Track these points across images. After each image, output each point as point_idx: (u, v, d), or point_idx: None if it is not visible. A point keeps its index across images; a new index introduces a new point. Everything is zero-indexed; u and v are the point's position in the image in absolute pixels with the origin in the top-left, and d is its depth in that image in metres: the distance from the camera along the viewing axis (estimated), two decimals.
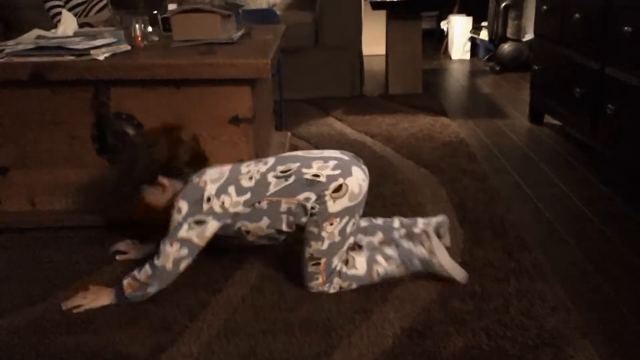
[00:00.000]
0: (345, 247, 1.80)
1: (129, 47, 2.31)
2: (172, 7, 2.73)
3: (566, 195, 2.50)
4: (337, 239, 1.77)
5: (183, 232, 1.73)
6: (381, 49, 5.09)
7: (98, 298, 1.78)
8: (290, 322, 1.67)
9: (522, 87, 4.48)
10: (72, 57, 2.11)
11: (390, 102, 4.12)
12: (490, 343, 1.56)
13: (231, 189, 1.76)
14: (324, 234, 1.76)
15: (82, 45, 2.16)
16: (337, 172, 1.75)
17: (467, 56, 5.85)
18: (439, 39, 6.39)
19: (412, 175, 2.73)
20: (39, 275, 1.96)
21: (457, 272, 1.83)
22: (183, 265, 1.76)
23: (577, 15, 2.84)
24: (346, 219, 1.76)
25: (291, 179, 1.76)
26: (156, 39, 2.56)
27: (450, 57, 5.90)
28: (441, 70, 5.32)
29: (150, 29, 2.58)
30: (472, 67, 5.46)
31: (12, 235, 2.23)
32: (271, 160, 1.83)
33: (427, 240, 1.85)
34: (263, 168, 1.80)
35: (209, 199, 1.74)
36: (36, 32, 2.46)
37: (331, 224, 1.75)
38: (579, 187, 2.57)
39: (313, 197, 1.74)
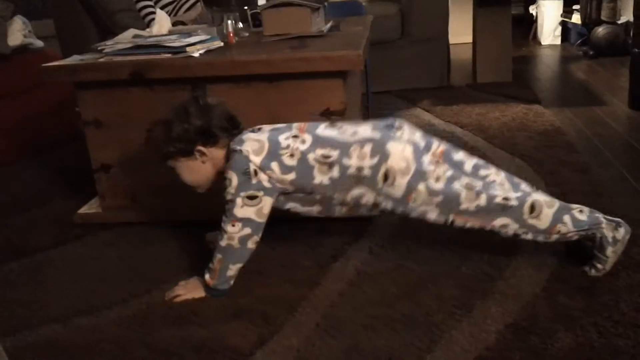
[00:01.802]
0: (460, 182, 1.73)
1: (221, 44, 2.34)
2: (262, 2, 2.76)
3: None
4: (439, 197, 1.73)
5: (239, 210, 1.73)
6: (467, 38, 4.98)
7: (196, 289, 1.83)
8: (390, 318, 1.65)
9: (620, 72, 4.27)
10: (169, 55, 2.16)
11: (479, 91, 4.03)
12: (601, 340, 1.49)
13: (274, 165, 1.74)
14: (421, 209, 1.75)
15: (178, 43, 2.21)
16: (376, 158, 1.72)
17: (558, 41, 5.64)
18: (528, 25, 6.19)
19: (507, 167, 2.64)
20: (144, 270, 2.02)
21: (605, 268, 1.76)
22: (251, 243, 1.77)
23: None
24: (422, 183, 1.72)
25: (336, 171, 1.74)
26: (247, 34, 2.59)
27: (540, 43, 5.71)
28: (531, 57, 5.15)
29: (240, 25, 2.61)
30: (564, 52, 5.26)
31: (116, 231, 2.31)
32: (308, 139, 1.78)
33: (617, 230, 1.76)
34: (302, 147, 1.76)
35: (255, 172, 1.73)
36: (132, 31, 2.53)
37: (415, 200, 1.74)
38: None
39: (369, 194, 1.75)
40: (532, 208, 1.73)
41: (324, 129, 1.82)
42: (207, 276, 1.80)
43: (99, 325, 1.73)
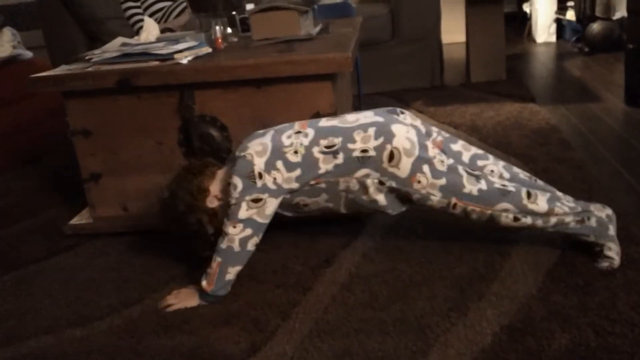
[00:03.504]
0: (461, 167, 1.75)
1: (210, 50, 2.33)
2: (249, 7, 2.74)
3: None
4: (442, 180, 1.73)
5: (243, 212, 1.73)
6: (460, 37, 4.97)
7: (188, 298, 1.81)
8: (384, 321, 1.63)
9: (615, 68, 4.25)
10: (156, 62, 2.15)
11: (472, 90, 4.00)
12: (598, 340, 1.47)
13: (279, 165, 1.75)
14: (424, 191, 1.75)
15: (166, 50, 2.19)
16: (381, 139, 1.73)
17: (553, 38, 5.61)
18: (521, 22, 6.17)
19: None
20: (135, 279, 2.00)
21: (617, 253, 1.76)
22: (251, 244, 1.76)
23: None
24: (426, 165, 1.73)
25: (340, 157, 1.75)
26: (235, 39, 2.57)
27: (535, 41, 5.68)
28: (525, 55, 5.12)
29: (229, 30, 2.60)
30: (559, 49, 5.24)
31: (108, 240, 2.29)
32: (311, 132, 1.80)
33: (604, 209, 1.81)
34: (305, 141, 1.77)
35: (260, 175, 1.74)
36: (120, 39, 2.52)
37: (419, 181, 1.73)
38: None
39: (374, 173, 1.74)
40: (529, 194, 1.75)
41: (325, 121, 1.84)
42: (204, 282, 1.78)
43: (90, 336, 1.71)
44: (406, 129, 1.76)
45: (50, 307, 1.89)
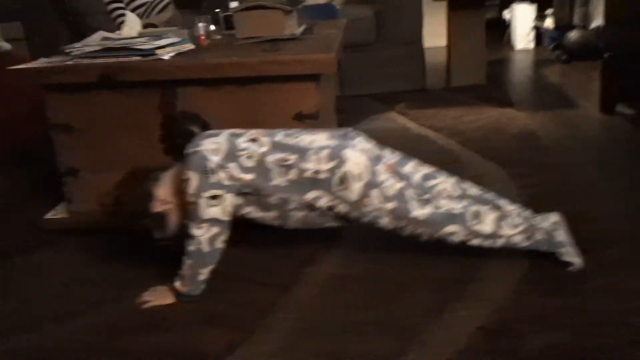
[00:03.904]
0: (410, 192, 1.79)
1: (193, 46, 2.32)
2: (234, 4, 2.73)
3: None
4: (390, 204, 1.78)
5: (204, 212, 1.73)
6: (442, 41, 4.99)
7: (165, 296, 1.81)
8: (363, 322, 1.64)
9: (591, 76, 4.29)
10: (138, 58, 2.13)
11: (453, 94, 4.04)
12: (572, 341, 1.49)
13: (233, 166, 1.76)
14: (373, 214, 1.79)
15: (148, 45, 2.18)
16: (333, 163, 1.76)
17: (531, 45, 5.68)
18: (502, 29, 6.23)
19: (481, 170, 2.65)
20: (113, 276, 1.99)
21: (575, 254, 1.80)
22: (219, 242, 1.76)
23: None
24: (375, 189, 1.77)
25: (293, 174, 1.77)
26: (219, 37, 2.57)
27: (514, 47, 5.74)
28: (505, 61, 5.18)
29: (212, 27, 2.59)
30: (537, 56, 5.30)
31: (84, 237, 2.27)
32: (266, 143, 1.80)
33: (549, 218, 1.84)
34: (260, 149, 1.79)
35: (213, 171, 1.74)
36: (101, 34, 2.49)
37: (368, 205, 1.78)
38: None
39: (325, 196, 1.77)
40: (476, 214, 1.79)
41: (281, 137, 1.84)
42: (177, 284, 1.78)
43: (69, 333, 1.70)
44: (358, 154, 1.79)
45: (28, 304, 1.88)
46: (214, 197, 1.73)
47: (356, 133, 1.90)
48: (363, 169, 1.77)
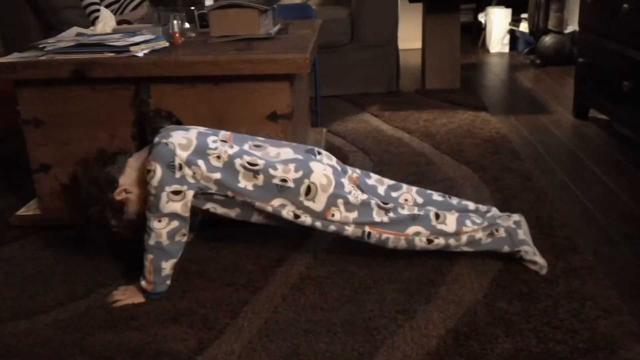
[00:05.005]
0: (373, 202, 1.84)
1: (167, 44, 2.31)
2: (209, 2, 2.72)
3: (615, 194, 2.42)
4: (354, 213, 1.82)
5: (165, 206, 1.72)
6: (417, 43, 5.02)
7: (135, 295, 1.79)
8: (332, 322, 1.64)
9: (565, 81, 4.37)
10: (112, 54, 2.12)
11: (427, 97, 4.06)
12: (540, 345, 1.51)
13: (201, 163, 1.76)
14: (338, 224, 1.83)
15: (122, 42, 2.16)
16: (300, 173, 1.80)
17: (506, 49, 5.73)
18: (476, 32, 6.29)
19: (453, 173, 2.67)
20: (83, 273, 1.97)
21: (538, 256, 1.85)
22: (179, 235, 1.76)
23: (625, 5, 2.75)
24: (340, 200, 1.81)
25: (260, 179, 1.78)
26: (194, 35, 2.55)
27: (489, 51, 5.79)
28: (479, 65, 5.22)
29: (187, 25, 2.58)
30: (512, 60, 5.35)
31: (54, 233, 2.24)
32: (236, 145, 1.82)
33: (510, 218, 1.92)
34: (230, 150, 1.79)
35: (180, 167, 1.73)
36: (75, 29, 2.47)
37: (333, 215, 1.81)
38: (629, 186, 2.48)
39: (290, 206, 1.80)
40: (437, 215, 1.86)
41: (248, 147, 1.85)
42: (142, 282, 1.77)
43: (34, 329, 1.68)
44: (323, 167, 1.84)
45: None
46: (176, 193, 1.73)
47: (319, 150, 1.94)
48: (329, 180, 1.81)
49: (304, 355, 1.52)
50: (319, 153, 1.92)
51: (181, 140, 1.77)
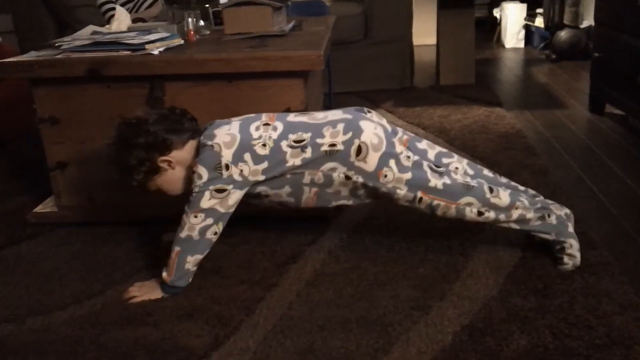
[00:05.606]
0: (425, 163, 1.81)
1: (182, 42, 2.32)
2: (223, 0, 2.73)
3: (632, 189, 2.40)
4: (408, 174, 1.78)
5: (205, 202, 1.72)
6: (431, 39, 5.01)
7: (151, 291, 1.80)
8: (347, 318, 1.64)
9: (581, 76, 4.34)
10: (127, 52, 2.13)
11: (441, 93, 4.05)
12: (555, 342, 1.50)
13: (247, 157, 1.75)
14: (391, 185, 1.78)
15: (137, 40, 2.17)
16: (350, 134, 1.76)
17: (521, 44, 5.71)
18: (491, 27, 6.26)
19: None
20: (99, 270, 1.99)
21: (579, 253, 1.82)
22: (210, 233, 1.76)
23: None
24: (392, 160, 1.77)
25: (308, 152, 1.76)
26: (208, 32, 2.56)
27: (504, 46, 5.77)
28: (494, 60, 5.20)
29: (202, 23, 2.59)
30: (527, 55, 5.33)
31: (72, 230, 2.27)
32: (279, 126, 1.80)
33: (562, 209, 1.90)
34: (274, 134, 1.78)
35: (227, 166, 1.73)
36: (91, 28, 2.49)
37: (385, 175, 1.77)
38: None
39: (341, 167, 1.77)
40: (491, 189, 1.82)
41: (294, 117, 1.85)
42: (164, 273, 1.78)
43: (51, 326, 1.69)
44: (374, 125, 1.80)
45: (11, 296, 1.87)
46: (220, 191, 1.73)
47: (368, 109, 1.91)
48: (380, 139, 1.77)
49: (319, 351, 1.52)
50: (369, 111, 1.89)
51: (225, 137, 1.76)
